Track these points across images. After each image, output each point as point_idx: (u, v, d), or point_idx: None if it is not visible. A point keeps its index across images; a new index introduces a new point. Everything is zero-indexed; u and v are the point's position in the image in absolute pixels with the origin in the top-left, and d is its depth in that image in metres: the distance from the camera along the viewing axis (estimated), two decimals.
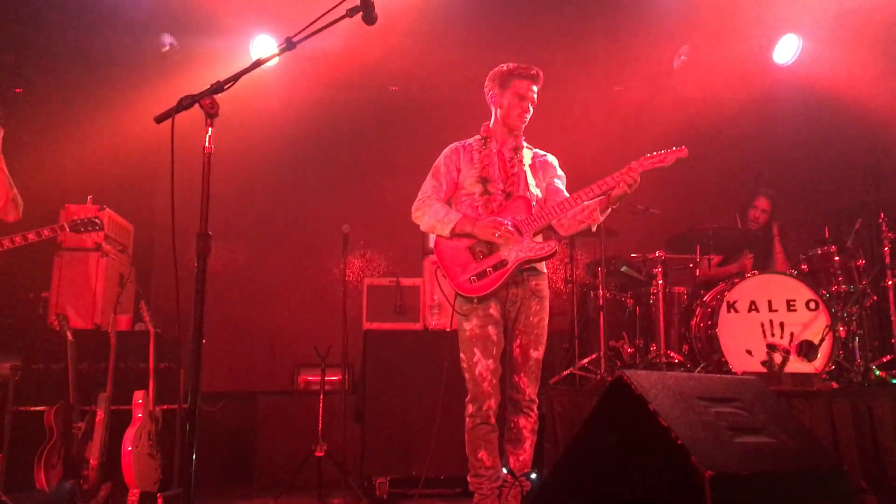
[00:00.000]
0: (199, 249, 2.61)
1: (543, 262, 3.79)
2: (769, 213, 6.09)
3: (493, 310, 3.66)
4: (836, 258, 5.27)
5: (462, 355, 3.71)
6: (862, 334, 5.13)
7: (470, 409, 3.66)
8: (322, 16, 2.85)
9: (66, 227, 4.37)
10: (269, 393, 5.96)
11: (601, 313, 5.51)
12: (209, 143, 2.68)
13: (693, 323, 5.40)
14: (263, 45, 6.40)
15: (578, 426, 2.82)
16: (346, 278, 5.41)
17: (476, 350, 3.65)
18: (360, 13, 2.92)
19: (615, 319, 5.78)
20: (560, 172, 3.95)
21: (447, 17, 6.25)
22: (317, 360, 5.31)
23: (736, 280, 5.16)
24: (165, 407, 4.83)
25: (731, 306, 5.04)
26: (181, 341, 2.61)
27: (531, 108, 3.81)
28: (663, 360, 5.35)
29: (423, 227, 3.86)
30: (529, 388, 3.69)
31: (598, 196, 3.65)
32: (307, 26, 2.83)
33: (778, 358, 4.85)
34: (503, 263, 3.64)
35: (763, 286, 5.04)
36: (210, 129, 2.69)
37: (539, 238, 3.76)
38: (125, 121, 6.18)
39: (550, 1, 6.43)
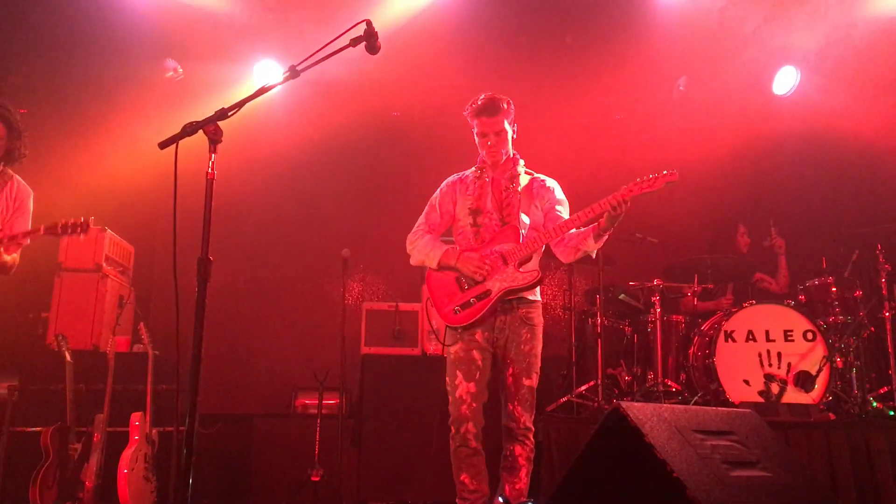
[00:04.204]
0: (199, 274, 2.61)
1: (537, 290, 3.80)
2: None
3: (479, 336, 3.70)
4: (834, 289, 5.30)
5: (447, 378, 3.75)
6: (859, 365, 5.15)
7: (451, 430, 3.70)
8: (326, 45, 2.88)
9: (42, 229, 4.08)
10: (266, 416, 5.93)
11: (599, 341, 5.52)
12: (212, 168, 2.70)
13: (691, 352, 5.41)
14: (267, 70, 6.46)
15: (575, 454, 2.82)
16: (345, 302, 5.42)
17: (458, 373, 3.68)
18: (364, 43, 2.96)
19: (613, 347, 5.79)
20: (560, 197, 3.93)
21: (450, 44, 6.33)
22: (314, 384, 5.32)
23: (733, 309, 5.18)
24: (162, 429, 4.83)
25: (729, 335, 5.05)
26: (179, 364, 2.60)
27: (498, 142, 3.81)
28: (661, 388, 5.35)
29: (412, 262, 3.96)
30: (524, 416, 3.68)
31: (588, 221, 3.66)
32: (311, 55, 2.87)
33: (775, 388, 4.85)
34: (487, 294, 3.68)
35: (760, 316, 5.05)
36: (213, 154, 2.71)
37: (532, 264, 3.76)
38: (128, 144, 6.23)
39: (552, 30, 6.51)
